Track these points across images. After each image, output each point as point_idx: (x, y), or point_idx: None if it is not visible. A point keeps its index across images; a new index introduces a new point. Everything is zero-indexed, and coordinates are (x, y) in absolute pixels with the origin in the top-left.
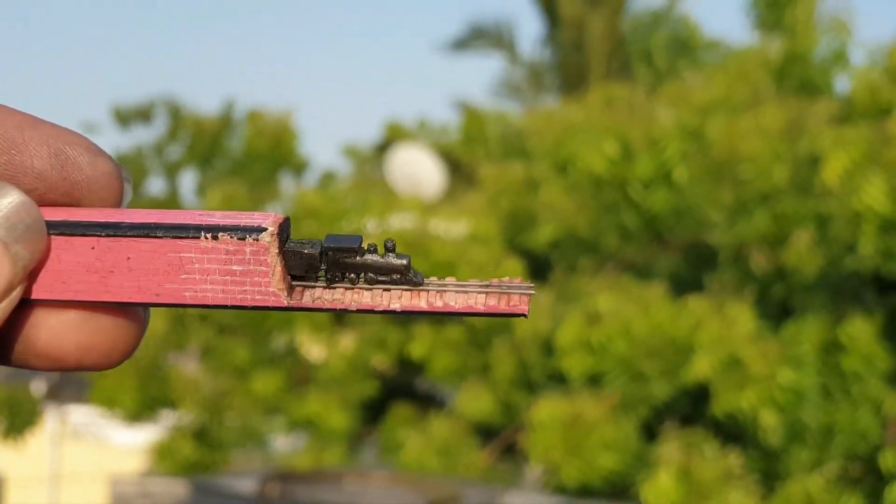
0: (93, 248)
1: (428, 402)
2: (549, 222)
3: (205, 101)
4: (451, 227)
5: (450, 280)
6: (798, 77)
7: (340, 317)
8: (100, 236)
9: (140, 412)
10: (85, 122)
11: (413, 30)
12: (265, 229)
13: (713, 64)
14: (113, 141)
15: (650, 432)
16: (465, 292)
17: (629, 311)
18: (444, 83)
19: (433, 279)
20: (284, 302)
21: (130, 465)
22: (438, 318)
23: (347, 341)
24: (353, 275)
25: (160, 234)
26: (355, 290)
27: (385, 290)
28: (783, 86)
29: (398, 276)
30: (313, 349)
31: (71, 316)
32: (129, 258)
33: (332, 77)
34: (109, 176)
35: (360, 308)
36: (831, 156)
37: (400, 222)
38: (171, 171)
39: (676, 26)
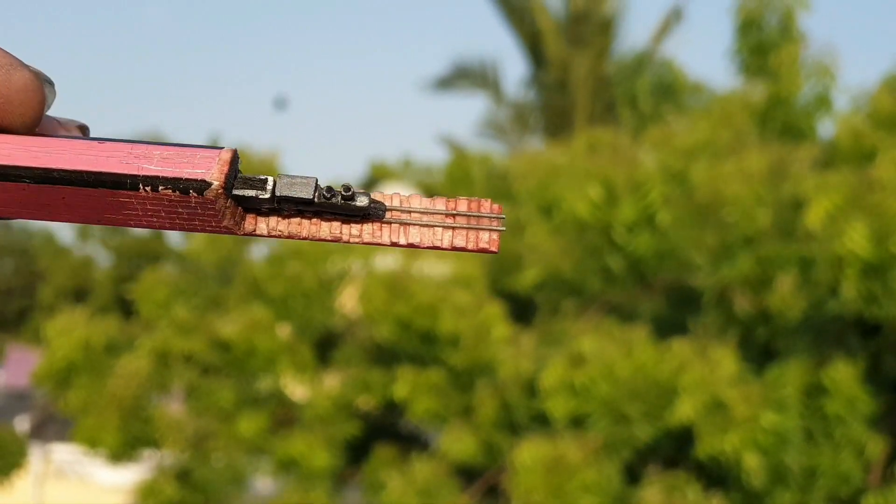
0: (24, 190)
1: (411, 443)
2: (534, 265)
3: (191, 138)
4: (435, 269)
5: (415, 202)
6: (781, 121)
7: (325, 356)
8: (29, 182)
9: (123, 452)
10: None
11: (398, 68)
12: (210, 185)
13: (697, 108)
14: None
15: (633, 475)
16: (431, 227)
17: (612, 354)
18: (429, 121)
19: (396, 201)
20: (238, 232)
21: None
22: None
23: (332, 382)
24: (310, 212)
25: (94, 185)
26: (313, 221)
27: (344, 222)
28: (767, 130)
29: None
30: (297, 390)
31: None
32: (63, 198)
33: (317, 115)
34: (26, 91)
35: (319, 239)
36: (814, 200)
37: (384, 263)
38: None
39: (661, 70)
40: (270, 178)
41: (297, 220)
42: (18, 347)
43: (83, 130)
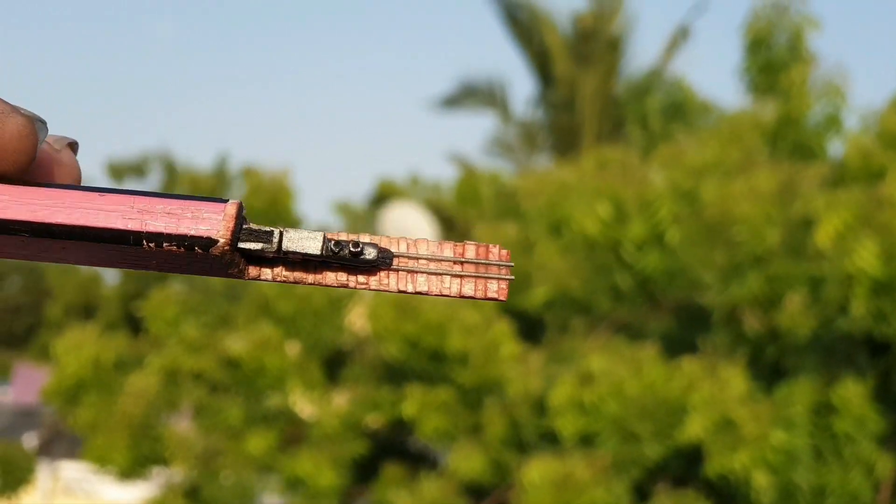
0: (23, 241)
1: (420, 462)
2: (543, 283)
3: (199, 156)
4: None
5: (422, 248)
6: (791, 140)
7: (334, 375)
8: (28, 236)
9: (132, 470)
10: None
11: (406, 86)
12: (215, 242)
13: (707, 127)
14: None
15: (642, 494)
16: (439, 275)
17: (622, 372)
18: (437, 140)
19: (403, 245)
20: (244, 278)
21: None
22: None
23: (340, 400)
24: (317, 261)
25: (96, 240)
26: (319, 270)
27: (351, 272)
28: (776, 149)
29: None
30: (306, 408)
31: None
32: (64, 248)
33: (326, 133)
34: (19, 136)
35: (325, 285)
36: (824, 219)
37: None
38: None
39: (670, 89)
40: (277, 231)
41: (301, 269)
42: (26, 364)
43: (73, 147)
